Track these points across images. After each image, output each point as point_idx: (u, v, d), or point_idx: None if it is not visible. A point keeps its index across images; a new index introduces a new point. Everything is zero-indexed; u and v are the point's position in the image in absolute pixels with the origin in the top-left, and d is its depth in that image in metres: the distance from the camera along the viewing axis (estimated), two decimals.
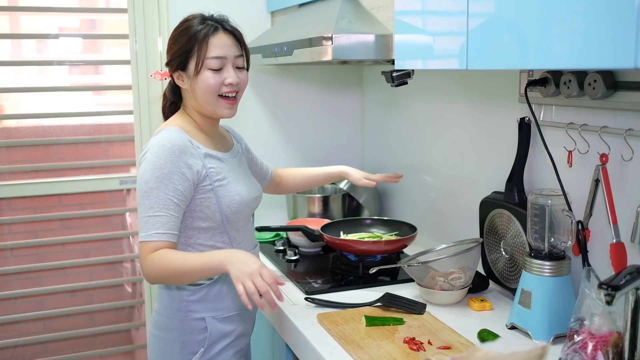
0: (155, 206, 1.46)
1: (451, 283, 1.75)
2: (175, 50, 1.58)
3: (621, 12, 0.95)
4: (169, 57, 1.61)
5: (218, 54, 1.55)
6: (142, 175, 1.48)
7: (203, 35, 1.55)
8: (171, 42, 1.61)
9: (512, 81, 1.79)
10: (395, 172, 2.56)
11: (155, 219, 1.45)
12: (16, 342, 2.68)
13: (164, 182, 1.46)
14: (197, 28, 1.56)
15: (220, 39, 1.57)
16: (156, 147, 1.49)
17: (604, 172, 1.46)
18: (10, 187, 2.58)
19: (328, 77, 2.77)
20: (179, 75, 1.60)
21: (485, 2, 1.29)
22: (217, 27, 1.57)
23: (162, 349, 1.61)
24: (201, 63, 1.54)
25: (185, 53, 1.56)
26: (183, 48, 1.56)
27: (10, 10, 2.64)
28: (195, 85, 1.57)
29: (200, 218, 1.56)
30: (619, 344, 1.26)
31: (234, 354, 1.65)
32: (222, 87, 1.57)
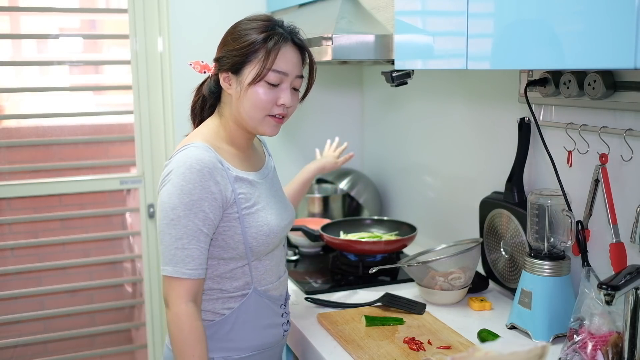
0: (185, 237, 1.28)
1: (451, 283, 1.75)
2: (233, 48, 1.36)
3: (621, 12, 0.95)
4: (222, 53, 1.40)
5: (282, 69, 1.36)
6: (168, 200, 1.29)
7: (274, 43, 1.35)
8: (229, 38, 1.39)
9: (512, 81, 1.79)
10: (395, 172, 2.56)
11: (185, 253, 1.28)
12: (16, 342, 2.68)
13: (193, 210, 1.28)
14: (267, 32, 1.36)
15: (288, 52, 1.38)
16: (183, 169, 1.29)
17: (603, 172, 1.46)
18: (11, 187, 2.58)
19: (328, 77, 2.77)
20: (227, 77, 1.39)
21: (485, 2, 1.29)
22: (287, 37, 1.38)
23: None
24: (261, 74, 1.34)
25: (245, 55, 1.35)
26: (245, 49, 1.35)
27: (11, 11, 2.64)
28: (244, 96, 1.36)
29: (222, 247, 1.37)
30: (618, 343, 1.26)
31: None
32: (273, 107, 1.38)
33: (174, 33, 2.52)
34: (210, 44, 2.19)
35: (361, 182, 2.58)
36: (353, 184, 2.56)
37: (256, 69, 1.34)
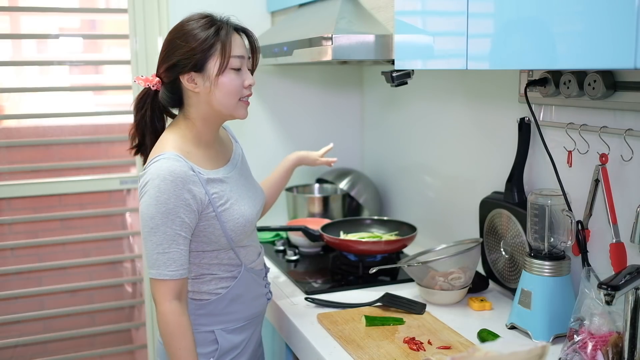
0: (164, 242, 1.38)
1: (451, 283, 1.75)
2: (190, 49, 1.43)
3: (621, 12, 0.95)
4: (176, 57, 1.45)
5: (239, 53, 1.47)
6: (146, 210, 1.39)
7: (225, 32, 1.45)
8: (179, 42, 1.45)
9: (512, 81, 1.79)
10: (395, 172, 2.56)
11: (166, 256, 1.38)
12: (16, 342, 2.68)
13: (169, 217, 1.38)
14: (216, 25, 1.45)
15: (237, 38, 1.49)
16: (157, 180, 1.38)
17: (603, 172, 1.46)
18: (10, 187, 2.58)
19: (328, 77, 2.77)
20: (190, 78, 1.45)
21: (485, 2, 1.29)
22: (230, 25, 1.49)
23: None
24: (226, 62, 1.44)
25: (204, 51, 1.43)
26: (203, 46, 1.42)
27: (11, 11, 2.64)
28: (215, 88, 1.45)
29: (205, 242, 1.49)
30: (618, 343, 1.26)
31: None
32: (242, 90, 1.49)
33: None
34: None
35: (361, 182, 2.58)
36: (353, 184, 2.56)
37: (219, 60, 1.44)
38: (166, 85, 1.51)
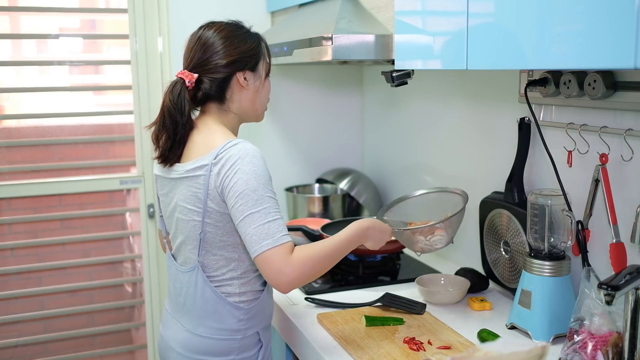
0: (272, 211, 1.37)
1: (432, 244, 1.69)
2: (245, 49, 1.51)
3: (621, 12, 0.95)
4: (237, 54, 1.49)
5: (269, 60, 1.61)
6: (246, 186, 1.36)
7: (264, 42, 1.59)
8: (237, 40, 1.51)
9: (512, 81, 1.79)
10: (395, 172, 2.56)
11: (277, 223, 1.36)
12: (16, 342, 2.68)
13: (268, 187, 1.39)
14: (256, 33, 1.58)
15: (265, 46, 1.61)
16: (249, 157, 1.38)
17: (603, 172, 1.46)
18: (10, 187, 2.58)
19: (328, 77, 2.77)
20: (244, 75, 1.51)
21: (485, 2, 1.29)
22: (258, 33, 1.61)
23: None
24: (269, 67, 1.59)
25: (258, 54, 1.54)
26: (255, 49, 1.53)
27: (10, 10, 2.64)
28: (262, 88, 1.57)
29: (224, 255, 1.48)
30: (618, 344, 1.26)
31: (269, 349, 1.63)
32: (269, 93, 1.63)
33: (174, 33, 2.52)
34: None
35: (361, 182, 2.58)
36: (353, 184, 2.56)
37: (265, 64, 1.58)
38: (213, 81, 1.50)
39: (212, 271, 1.47)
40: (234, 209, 1.38)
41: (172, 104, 1.47)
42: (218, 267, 1.47)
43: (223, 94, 1.52)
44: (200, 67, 1.50)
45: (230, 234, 1.45)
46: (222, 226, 1.44)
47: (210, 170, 1.40)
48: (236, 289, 1.48)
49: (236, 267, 1.47)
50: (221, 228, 1.44)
